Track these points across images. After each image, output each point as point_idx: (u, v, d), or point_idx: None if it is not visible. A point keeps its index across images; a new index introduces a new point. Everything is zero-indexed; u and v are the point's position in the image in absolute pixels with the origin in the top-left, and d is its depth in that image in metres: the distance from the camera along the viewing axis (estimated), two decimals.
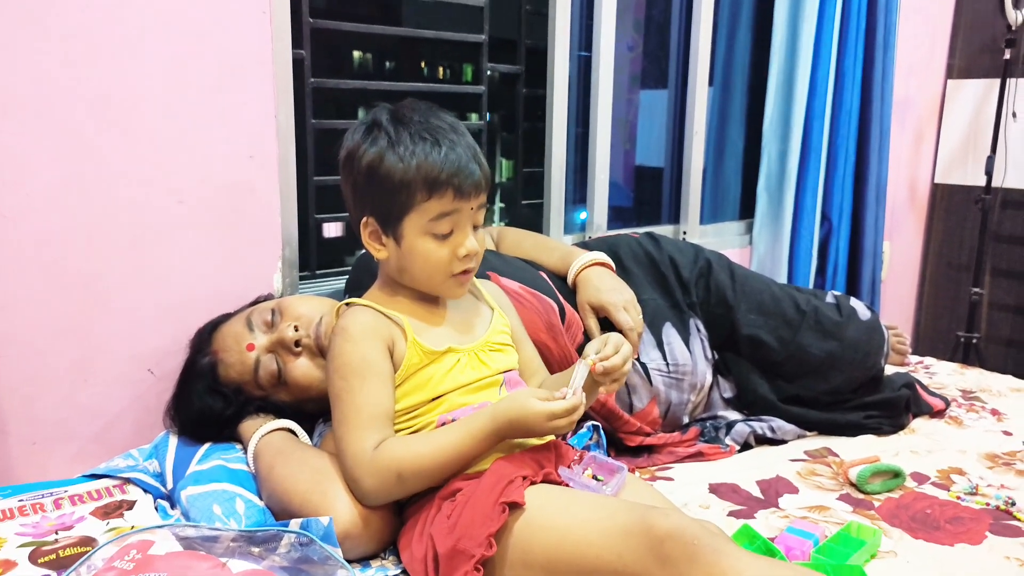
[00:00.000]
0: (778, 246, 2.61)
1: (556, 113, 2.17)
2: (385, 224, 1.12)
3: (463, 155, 1.09)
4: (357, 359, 1.10)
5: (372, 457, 1.07)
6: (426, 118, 1.11)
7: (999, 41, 2.88)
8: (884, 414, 1.68)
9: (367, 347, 1.11)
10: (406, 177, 1.08)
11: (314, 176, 1.78)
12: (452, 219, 1.10)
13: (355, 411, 1.09)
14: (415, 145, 1.08)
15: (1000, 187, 2.96)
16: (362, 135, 1.12)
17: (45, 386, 1.40)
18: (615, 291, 1.52)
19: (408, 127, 1.10)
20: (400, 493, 1.10)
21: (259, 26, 1.54)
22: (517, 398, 1.07)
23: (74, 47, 1.35)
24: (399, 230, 1.11)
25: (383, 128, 1.10)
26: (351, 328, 1.12)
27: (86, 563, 0.95)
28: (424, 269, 1.13)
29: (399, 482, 1.08)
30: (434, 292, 1.17)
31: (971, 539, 1.25)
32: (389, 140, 1.09)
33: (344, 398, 1.11)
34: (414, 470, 1.07)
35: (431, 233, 1.11)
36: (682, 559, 0.88)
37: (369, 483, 1.08)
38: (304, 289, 1.75)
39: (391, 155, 1.08)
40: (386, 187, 1.09)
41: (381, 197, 1.10)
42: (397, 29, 1.94)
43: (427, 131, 1.10)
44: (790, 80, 2.51)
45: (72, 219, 1.38)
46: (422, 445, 1.09)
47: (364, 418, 1.09)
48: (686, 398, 1.61)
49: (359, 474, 1.08)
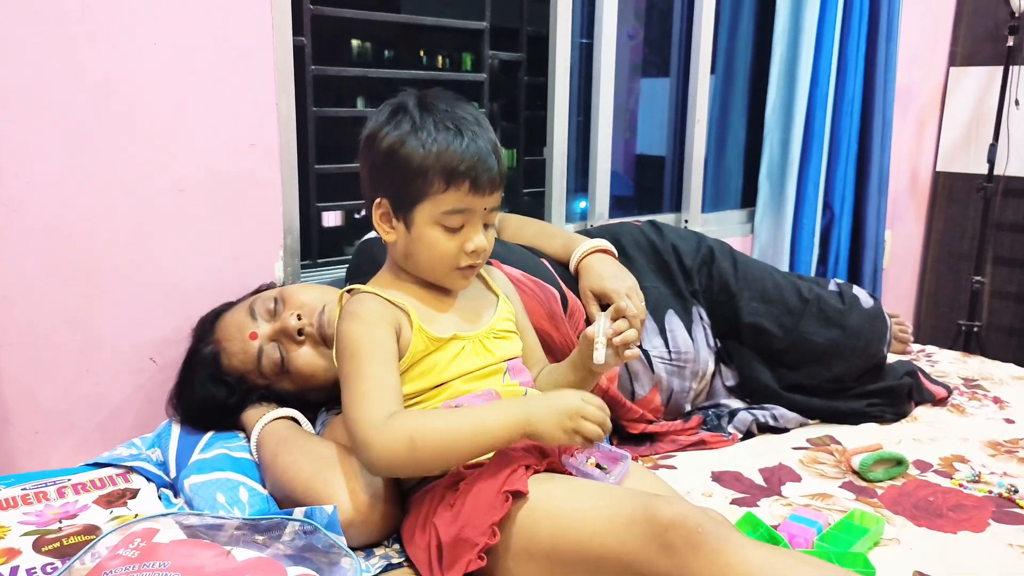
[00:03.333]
0: (780, 234, 2.60)
1: (557, 101, 2.16)
2: (397, 207, 1.12)
3: (484, 148, 1.09)
4: (367, 338, 1.09)
5: (385, 422, 1.03)
6: (452, 108, 1.11)
7: (1002, 28, 2.86)
8: (886, 402, 1.68)
9: (376, 328, 1.10)
10: (425, 163, 1.07)
11: (315, 164, 1.77)
12: (465, 216, 1.10)
13: (367, 387, 1.06)
14: (438, 133, 1.08)
15: (1002, 175, 2.95)
16: (386, 117, 1.12)
17: (47, 375, 1.40)
18: (618, 278, 1.52)
19: (433, 114, 1.10)
20: (411, 462, 1.04)
21: (260, 14, 1.53)
22: (558, 393, 1.09)
23: (75, 37, 1.34)
24: (411, 216, 1.11)
25: (408, 112, 1.10)
26: (359, 311, 1.12)
27: (90, 551, 0.95)
28: (430, 259, 1.13)
29: (410, 449, 1.02)
30: (436, 282, 1.17)
31: (974, 527, 1.25)
32: (413, 125, 1.09)
33: (355, 375, 1.08)
34: (428, 437, 1.02)
35: (442, 225, 1.10)
36: (686, 547, 0.88)
37: (379, 446, 1.02)
38: (306, 277, 1.75)
39: (413, 140, 1.08)
40: (403, 170, 1.09)
41: (397, 180, 1.10)
42: (401, 16, 1.93)
43: (451, 120, 1.09)
44: (792, 68, 2.50)
45: (73, 208, 1.38)
46: (440, 416, 1.07)
47: (376, 392, 1.06)
48: (688, 386, 1.61)
49: (369, 437, 1.03)
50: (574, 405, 1.03)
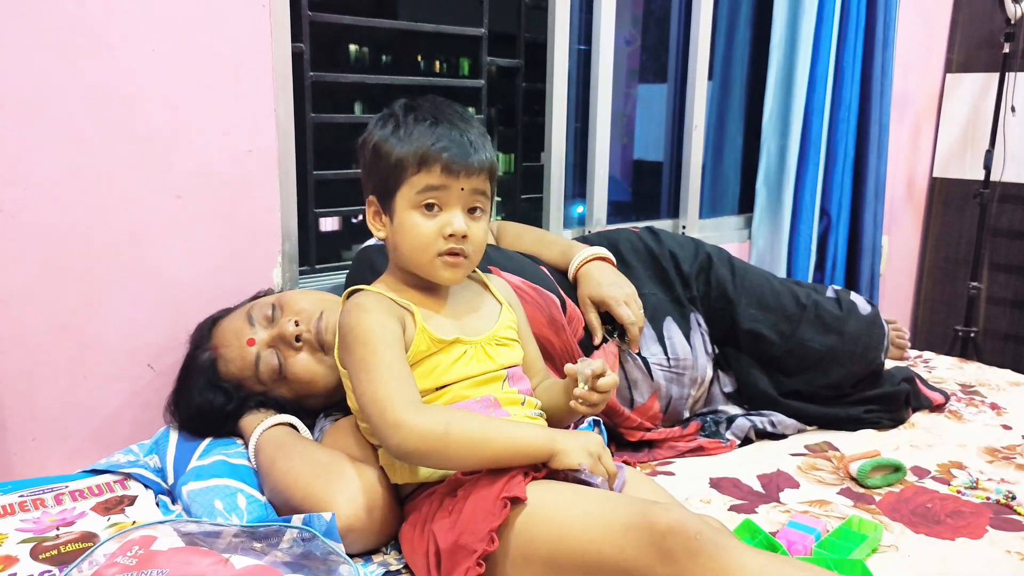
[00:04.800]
0: (777, 241, 2.61)
1: (555, 107, 2.16)
2: (383, 202, 1.15)
3: (459, 136, 1.11)
4: (377, 326, 1.09)
5: (420, 404, 1.04)
6: (436, 106, 1.16)
7: (998, 35, 2.87)
8: (884, 408, 1.68)
9: (384, 317, 1.10)
10: (401, 153, 1.11)
11: (313, 170, 1.77)
12: (438, 194, 1.11)
13: (389, 370, 1.05)
14: (416, 126, 1.12)
15: (998, 181, 2.97)
16: (376, 122, 1.16)
17: (44, 382, 1.39)
18: (616, 285, 1.52)
19: (415, 112, 1.14)
20: (436, 452, 1.03)
21: (258, 19, 1.53)
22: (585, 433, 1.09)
23: (72, 41, 1.34)
24: (392, 205, 1.13)
25: (394, 114, 1.15)
26: (365, 302, 1.12)
27: (88, 559, 0.95)
28: (411, 246, 1.13)
29: (444, 435, 1.01)
30: (423, 274, 1.15)
31: (972, 533, 1.25)
32: (395, 123, 1.13)
33: (371, 360, 1.06)
34: (463, 430, 1.02)
35: (418, 207, 1.11)
36: (684, 554, 0.88)
37: (414, 425, 1.01)
38: (304, 284, 1.75)
39: (393, 137, 1.12)
40: (385, 164, 1.12)
41: (380, 175, 1.13)
42: (400, 23, 1.94)
43: (431, 114, 1.13)
44: (790, 75, 2.51)
45: (70, 214, 1.38)
46: (472, 414, 1.08)
47: (401, 377, 1.06)
48: (687, 392, 1.61)
49: (404, 417, 1.01)
50: (599, 442, 1.06)
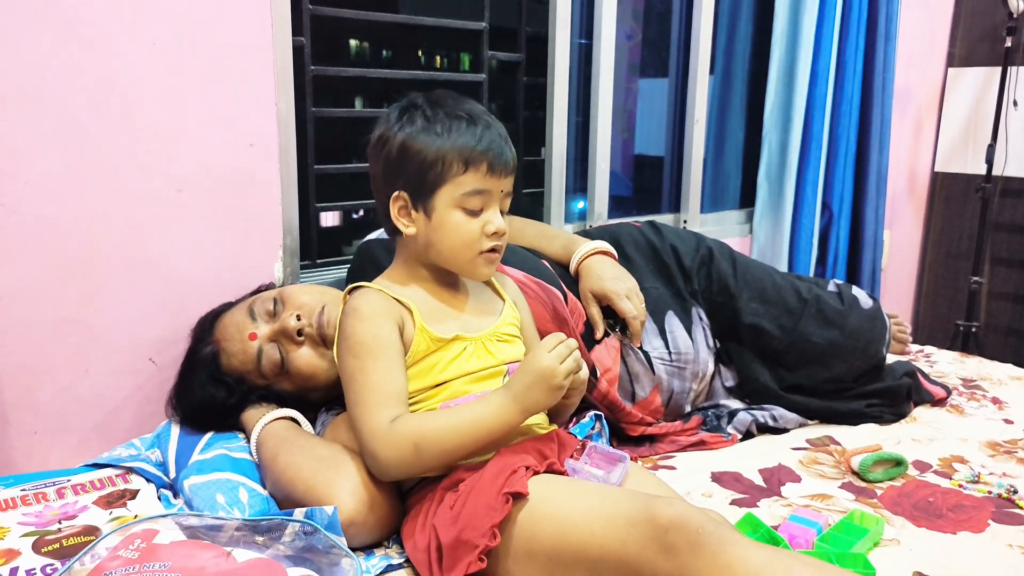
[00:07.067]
0: (779, 235, 2.61)
1: (556, 102, 2.16)
2: (416, 198, 1.13)
3: (497, 136, 1.13)
4: (369, 337, 1.10)
5: (389, 429, 1.06)
6: (460, 102, 1.16)
7: (1000, 29, 2.86)
8: (886, 402, 1.68)
9: (379, 325, 1.11)
10: (442, 150, 1.10)
11: (314, 164, 1.77)
12: (484, 197, 1.13)
13: (370, 389, 1.09)
14: (451, 121, 1.12)
15: (1000, 176, 2.96)
16: (396, 117, 1.15)
17: (46, 376, 1.39)
18: (618, 279, 1.52)
19: (443, 107, 1.14)
20: (418, 466, 1.09)
21: (259, 13, 1.53)
22: (524, 361, 1.10)
23: (73, 35, 1.34)
24: (431, 203, 1.12)
25: (419, 108, 1.14)
26: (362, 308, 1.12)
27: (90, 552, 0.95)
28: (453, 244, 1.13)
29: (416, 454, 1.06)
30: (460, 270, 1.18)
31: (973, 527, 1.25)
32: (425, 118, 1.12)
33: (358, 377, 1.10)
34: (432, 440, 1.06)
35: (462, 207, 1.12)
36: (686, 548, 0.88)
37: (386, 455, 1.06)
38: (305, 278, 1.75)
39: (427, 131, 1.12)
40: (420, 161, 1.11)
41: (414, 171, 1.12)
42: (400, 16, 1.93)
43: (462, 111, 1.13)
44: (791, 69, 2.50)
45: (72, 208, 1.38)
46: (440, 416, 1.09)
47: (380, 395, 1.08)
48: (688, 387, 1.61)
49: (376, 447, 1.07)
50: (545, 366, 1.06)
